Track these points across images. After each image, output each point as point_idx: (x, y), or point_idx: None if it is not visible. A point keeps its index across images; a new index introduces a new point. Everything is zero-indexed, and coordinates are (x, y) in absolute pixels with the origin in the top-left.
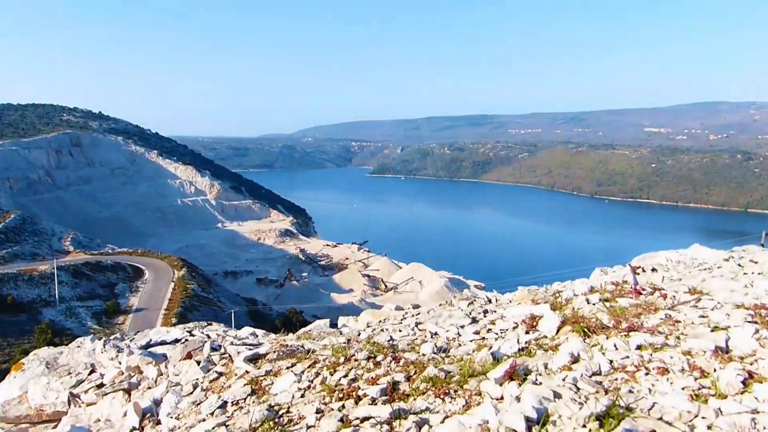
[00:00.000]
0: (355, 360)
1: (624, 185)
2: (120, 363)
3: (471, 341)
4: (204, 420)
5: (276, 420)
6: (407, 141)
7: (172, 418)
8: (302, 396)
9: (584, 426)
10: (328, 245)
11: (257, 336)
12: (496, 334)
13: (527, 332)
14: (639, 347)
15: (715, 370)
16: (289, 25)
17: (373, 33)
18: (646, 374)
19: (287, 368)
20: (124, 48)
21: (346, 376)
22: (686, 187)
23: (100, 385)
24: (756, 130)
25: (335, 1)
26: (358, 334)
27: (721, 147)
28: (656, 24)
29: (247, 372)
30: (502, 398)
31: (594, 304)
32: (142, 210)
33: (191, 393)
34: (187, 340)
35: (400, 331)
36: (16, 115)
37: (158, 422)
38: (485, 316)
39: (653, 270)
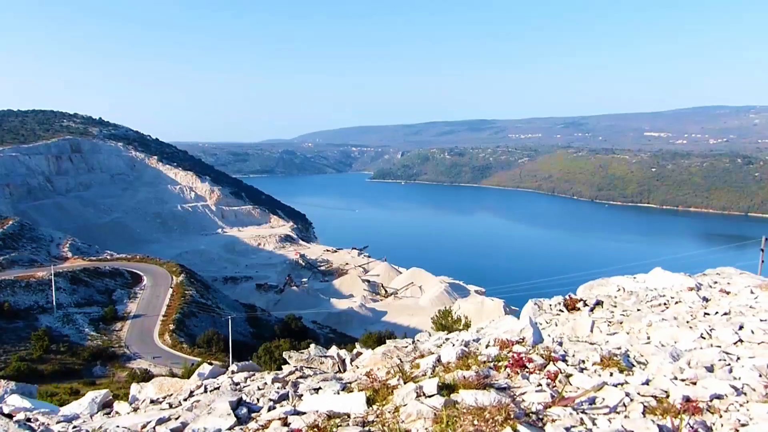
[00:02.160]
0: None
1: (624, 190)
2: None
3: None
4: None
5: None
6: (407, 146)
7: None
8: None
9: None
10: (328, 250)
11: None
12: None
13: None
14: None
15: None
16: (290, 28)
17: (372, 37)
18: None
19: None
20: (124, 52)
21: None
22: (687, 192)
23: None
24: (756, 134)
25: (334, 4)
26: None
27: (721, 151)
28: (656, 27)
29: None
30: None
31: (428, 398)
32: (142, 216)
33: None
34: None
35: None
36: (16, 121)
37: None
38: (271, 410)
39: (596, 304)
